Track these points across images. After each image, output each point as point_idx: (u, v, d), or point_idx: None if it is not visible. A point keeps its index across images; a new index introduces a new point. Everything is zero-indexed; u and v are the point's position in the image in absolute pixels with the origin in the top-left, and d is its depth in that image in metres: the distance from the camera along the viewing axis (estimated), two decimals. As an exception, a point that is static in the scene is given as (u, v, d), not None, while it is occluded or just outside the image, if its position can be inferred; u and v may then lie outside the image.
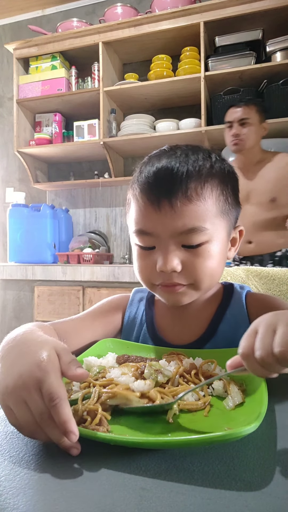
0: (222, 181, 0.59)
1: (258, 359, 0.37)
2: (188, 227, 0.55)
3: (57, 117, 2.88)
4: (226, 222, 0.60)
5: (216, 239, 0.58)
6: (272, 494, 0.29)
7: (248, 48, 2.31)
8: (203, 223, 0.56)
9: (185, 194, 0.55)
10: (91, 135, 2.70)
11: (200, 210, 0.56)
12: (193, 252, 0.57)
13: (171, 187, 0.55)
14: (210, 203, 0.57)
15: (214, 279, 0.61)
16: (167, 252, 0.56)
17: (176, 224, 0.55)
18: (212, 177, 0.57)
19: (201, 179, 0.56)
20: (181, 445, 0.35)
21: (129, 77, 2.67)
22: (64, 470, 0.33)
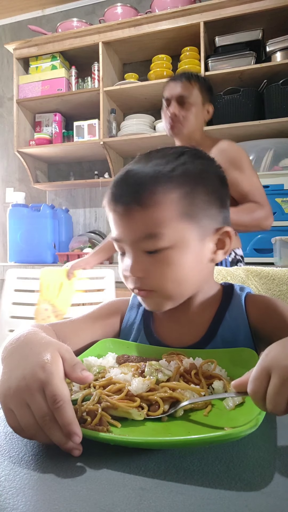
0: (185, 184, 0.56)
1: (267, 408, 0.36)
2: (144, 233, 0.55)
3: (57, 117, 2.88)
4: (194, 226, 0.57)
5: (180, 245, 0.56)
6: (272, 494, 0.29)
7: (248, 48, 2.31)
8: (159, 229, 0.55)
9: (138, 201, 0.55)
10: (91, 135, 2.70)
11: (155, 216, 0.55)
12: (154, 258, 0.56)
13: (126, 194, 0.56)
14: (167, 208, 0.55)
15: (185, 287, 0.60)
16: (130, 258, 0.58)
17: (134, 231, 0.56)
18: (170, 181, 0.56)
19: (155, 184, 0.55)
20: (181, 445, 0.35)
21: (129, 77, 2.67)
22: (64, 470, 0.33)
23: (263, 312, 0.64)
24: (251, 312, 0.65)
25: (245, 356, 0.54)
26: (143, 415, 0.41)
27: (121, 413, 0.40)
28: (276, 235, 1.92)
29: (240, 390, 0.40)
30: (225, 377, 0.50)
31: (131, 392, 0.43)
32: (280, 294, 1.00)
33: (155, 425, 0.41)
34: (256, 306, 0.65)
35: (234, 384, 0.41)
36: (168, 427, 0.40)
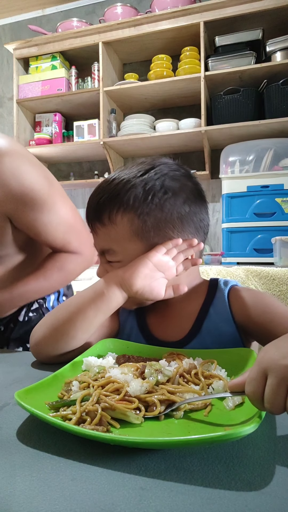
0: (138, 205, 0.60)
1: (266, 408, 0.36)
2: (103, 248, 0.64)
3: (57, 117, 2.88)
4: (144, 245, 0.61)
5: (129, 260, 0.61)
6: (272, 494, 0.29)
7: (248, 48, 2.31)
8: (114, 246, 0.62)
9: (99, 219, 0.62)
10: (91, 135, 2.70)
11: (111, 234, 0.62)
12: (113, 266, 0.64)
13: (91, 211, 0.64)
14: (121, 228, 0.61)
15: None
16: (100, 263, 0.67)
17: (98, 244, 0.65)
18: (127, 202, 0.60)
19: (113, 204, 0.60)
20: (181, 445, 0.35)
21: (129, 77, 2.67)
22: (64, 470, 0.33)
23: (246, 307, 0.65)
24: (234, 306, 0.66)
25: (245, 356, 0.54)
26: (140, 418, 0.40)
27: (118, 415, 0.40)
28: (276, 235, 1.92)
29: (236, 390, 0.41)
30: (225, 377, 0.50)
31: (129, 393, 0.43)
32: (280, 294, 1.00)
33: (154, 425, 0.41)
34: (239, 300, 0.67)
35: (231, 384, 0.41)
36: (168, 427, 0.40)
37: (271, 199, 2.08)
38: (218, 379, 0.49)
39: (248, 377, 0.38)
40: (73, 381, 0.47)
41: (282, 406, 0.35)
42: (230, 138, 2.46)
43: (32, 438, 0.38)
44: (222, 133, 2.42)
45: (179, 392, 0.45)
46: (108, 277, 0.63)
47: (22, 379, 0.56)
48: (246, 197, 2.14)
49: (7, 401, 0.48)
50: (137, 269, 0.60)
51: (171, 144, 2.66)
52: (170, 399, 0.43)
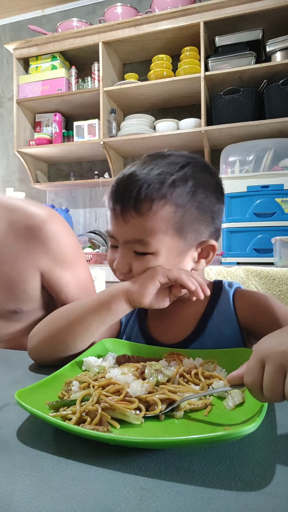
0: (180, 199, 0.59)
1: (265, 396, 0.37)
2: (135, 238, 0.59)
3: (57, 117, 2.88)
4: (178, 240, 0.60)
5: (161, 255, 0.59)
6: (272, 494, 0.29)
7: (248, 48, 2.31)
8: (149, 238, 0.58)
9: (136, 208, 0.58)
10: (91, 135, 2.70)
11: (148, 225, 0.58)
12: (141, 259, 0.60)
13: (126, 199, 0.58)
14: (160, 220, 0.58)
15: None
16: (120, 254, 0.62)
17: (126, 233, 0.60)
18: (169, 194, 0.58)
19: (155, 195, 0.57)
20: (181, 445, 0.35)
21: (129, 77, 2.67)
22: (64, 470, 0.33)
23: (251, 308, 0.65)
24: (239, 308, 0.66)
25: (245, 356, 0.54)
26: (140, 419, 0.40)
27: (118, 415, 0.40)
28: (276, 235, 1.92)
29: (235, 383, 0.41)
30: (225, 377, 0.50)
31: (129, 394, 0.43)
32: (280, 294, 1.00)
33: (155, 425, 0.41)
34: (244, 302, 0.66)
35: (229, 378, 0.41)
36: (168, 427, 0.40)
37: (271, 199, 2.08)
38: (218, 379, 0.49)
39: (246, 368, 0.39)
40: (73, 381, 0.47)
41: (281, 393, 0.35)
42: (230, 138, 2.46)
43: (32, 438, 0.38)
44: (222, 133, 2.42)
45: (180, 392, 0.45)
46: (116, 290, 0.60)
47: (22, 379, 0.56)
48: (246, 197, 2.14)
49: (7, 401, 0.47)
50: (147, 289, 0.57)
51: (171, 144, 2.66)
52: (171, 398, 0.43)
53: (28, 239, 0.80)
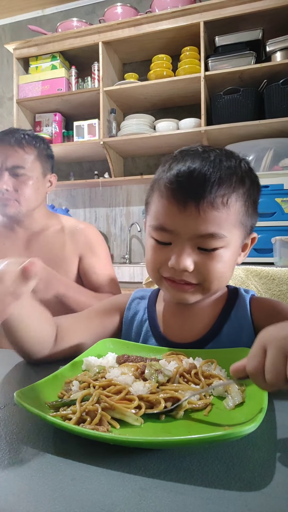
0: (246, 192, 0.60)
1: (268, 380, 0.37)
2: (209, 231, 0.56)
3: (57, 117, 2.88)
4: (241, 232, 0.61)
5: (230, 246, 0.59)
6: (272, 494, 0.29)
7: (248, 48, 2.31)
8: (223, 230, 0.57)
9: (212, 201, 0.56)
10: (91, 135, 2.70)
11: (223, 218, 0.57)
12: (207, 255, 0.58)
13: (201, 191, 0.55)
14: (233, 212, 0.58)
15: (223, 283, 0.63)
16: (182, 251, 0.57)
17: (199, 227, 0.56)
18: (239, 188, 0.58)
19: (230, 188, 0.57)
20: (181, 445, 0.35)
21: (129, 77, 2.67)
22: (64, 470, 0.33)
23: (268, 315, 0.65)
24: (256, 314, 0.66)
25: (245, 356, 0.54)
26: (140, 420, 0.40)
27: (118, 415, 0.40)
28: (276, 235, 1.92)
29: (238, 375, 0.41)
30: (225, 377, 0.50)
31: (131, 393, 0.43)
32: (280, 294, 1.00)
33: (155, 425, 0.41)
34: (261, 308, 0.67)
35: (232, 369, 0.41)
36: (168, 427, 0.40)
37: (271, 199, 2.08)
38: (218, 379, 0.49)
39: (248, 356, 0.39)
40: (73, 381, 0.47)
41: (283, 377, 0.36)
42: (230, 138, 2.46)
43: (32, 438, 0.38)
44: (222, 133, 2.42)
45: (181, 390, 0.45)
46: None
47: (22, 379, 0.56)
48: (246, 197, 2.13)
49: (7, 401, 0.48)
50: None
51: (171, 144, 2.66)
52: (175, 396, 0.43)
53: (72, 236, 1.22)
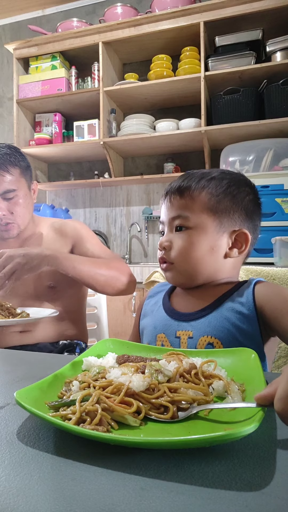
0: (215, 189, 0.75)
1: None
2: (175, 214, 0.76)
3: (57, 117, 2.88)
4: (214, 219, 0.74)
5: (199, 229, 0.74)
6: (272, 494, 0.29)
7: (248, 48, 2.31)
8: (186, 212, 0.75)
9: (180, 192, 0.76)
10: (91, 135, 2.70)
11: (188, 204, 0.75)
12: (177, 235, 0.76)
13: (175, 188, 0.77)
14: (197, 202, 0.75)
15: (197, 267, 0.75)
16: (165, 233, 0.79)
17: (171, 212, 0.77)
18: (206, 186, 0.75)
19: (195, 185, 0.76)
20: (181, 445, 0.35)
21: (129, 77, 2.67)
22: (64, 470, 0.33)
23: (269, 294, 0.70)
24: (258, 292, 0.71)
25: (245, 356, 0.54)
26: (138, 421, 0.40)
27: (117, 417, 0.40)
28: (276, 235, 1.92)
29: (263, 403, 0.39)
30: (225, 377, 0.50)
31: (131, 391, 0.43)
32: (280, 294, 1.00)
33: (155, 425, 0.41)
34: (264, 288, 0.72)
35: (258, 397, 0.39)
36: (168, 427, 0.40)
37: (271, 199, 2.08)
38: (218, 379, 0.48)
39: (277, 394, 0.36)
40: (73, 381, 0.47)
41: None
42: (230, 138, 2.46)
43: (32, 438, 0.38)
44: (222, 133, 2.42)
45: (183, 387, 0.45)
46: None
47: (22, 379, 0.56)
48: (246, 197, 2.14)
49: (7, 401, 0.47)
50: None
51: (171, 144, 2.66)
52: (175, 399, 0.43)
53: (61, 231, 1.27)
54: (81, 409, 0.40)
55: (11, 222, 1.17)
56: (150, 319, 0.82)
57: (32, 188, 1.26)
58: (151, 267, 2.29)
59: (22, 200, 1.18)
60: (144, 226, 2.94)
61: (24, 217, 1.19)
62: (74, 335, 1.27)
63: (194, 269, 0.75)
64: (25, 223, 1.21)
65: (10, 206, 1.15)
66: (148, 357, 0.59)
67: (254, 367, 0.50)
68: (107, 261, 1.17)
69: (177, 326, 0.74)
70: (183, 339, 0.72)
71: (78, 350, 1.25)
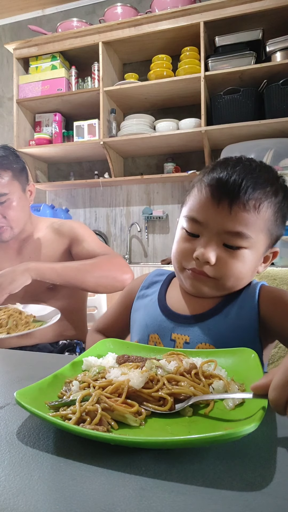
0: (278, 204, 0.65)
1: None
2: (236, 229, 0.62)
3: (57, 117, 2.88)
4: (267, 240, 0.66)
5: (254, 249, 0.64)
6: (272, 494, 0.29)
7: (248, 48, 2.31)
8: (250, 232, 0.62)
9: (245, 203, 0.61)
10: (91, 135, 2.70)
11: (251, 220, 0.62)
12: (230, 253, 0.64)
13: (236, 193, 0.61)
14: (262, 218, 0.63)
15: (239, 283, 0.67)
16: (209, 244, 0.63)
17: (227, 224, 0.62)
18: (272, 197, 0.64)
19: (264, 196, 0.63)
20: (181, 445, 0.35)
21: (129, 77, 2.67)
22: (64, 470, 0.33)
23: (274, 303, 0.67)
24: (263, 300, 0.67)
25: (245, 356, 0.54)
26: (139, 421, 0.40)
27: (117, 417, 0.40)
28: (276, 235, 1.92)
29: (259, 393, 0.39)
30: (225, 377, 0.50)
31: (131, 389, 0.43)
32: (280, 294, 1.00)
33: (155, 425, 0.41)
34: (269, 295, 0.68)
35: (253, 387, 0.40)
36: (168, 427, 0.40)
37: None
38: (218, 379, 0.48)
39: (273, 383, 0.37)
40: (73, 381, 0.47)
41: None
42: (230, 138, 2.46)
43: (32, 438, 0.38)
44: (222, 133, 2.42)
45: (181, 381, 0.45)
46: None
47: (22, 379, 0.56)
48: (246, 197, 2.13)
49: (7, 401, 0.47)
50: None
51: (171, 144, 2.66)
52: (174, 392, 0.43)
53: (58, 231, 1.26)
54: (81, 409, 0.40)
55: (3, 225, 1.17)
56: (142, 314, 0.75)
57: (29, 189, 1.25)
58: (151, 267, 2.29)
59: (15, 203, 1.17)
60: (144, 226, 2.94)
61: (18, 221, 1.19)
62: (74, 335, 1.27)
63: (235, 286, 0.68)
64: (20, 226, 1.20)
65: (2, 209, 1.15)
66: (148, 357, 0.59)
67: (254, 367, 0.50)
68: (98, 261, 1.15)
69: (172, 328, 0.69)
70: (178, 343, 0.68)
71: (78, 349, 1.25)
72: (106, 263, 1.16)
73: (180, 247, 0.68)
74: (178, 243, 0.69)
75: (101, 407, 0.40)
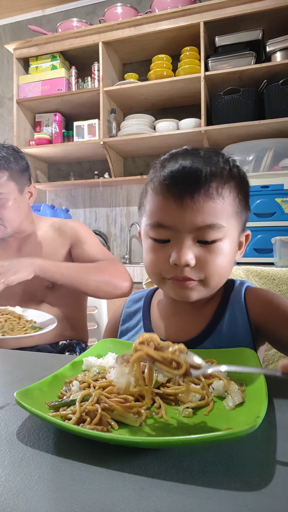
0: (238, 185, 0.61)
1: None
2: (206, 223, 0.57)
3: (57, 117, 2.88)
4: (238, 223, 0.62)
5: (229, 238, 0.60)
6: (271, 494, 0.29)
7: (248, 48, 2.31)
8: (220, 221, 0.58)
9: (207, 192, 0.57)
10: (91, 135, 2.70)
11: (219, 208, 0.58)
12: (207, 248, 0.58)
13: (195, 184, 0.57)
14: (228, 203, 0.59)
15: (223, 278, 0.63)
16: (182, 246, 0.57)
17: (196, 219, 0.57)
18: (231, 180, 0.60)
19: (222, 179, 0.58)
20: (181, 445, 0.35)
21: (129, 77, 2.67)
22: (64, 470, 0.33)
23: (264, 307, 0.65)
24: (251, 306, 0.65)
25: (245, 356, 0.54)
26: (139, 421, 0.40)
27: (117, 417, 0.40)
28: (276, 235, 1.92)
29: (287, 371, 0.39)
30: (225, 377, 0.50)
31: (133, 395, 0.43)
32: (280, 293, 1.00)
33: (155, 425, 0.41)
34: (256, 300, 0.66)
35: (283, 365, 0.40)
36: (168, 427, 0.40)
37: (271, 199, 2.08)
38: (218, 379, 0.49)
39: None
40: (73, 381, 0.47)
41: None
42: (230, 138, 2.46)
43: (32, 438, 0.38)
44: (222, 133, 2.42)
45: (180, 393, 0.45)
46: None
47: (22, 379, 0.56)
48: (246, 197, 2.14)
49: (7, 401, 0.48)
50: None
51: (171, 144, 2.66)
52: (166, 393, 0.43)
53: (60, 231, 1.28)
54: (81, 409, 0.40)
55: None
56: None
57: (28, 191, 1.26)
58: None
59: (10, 203, 1.17)
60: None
61: (12, 221, 1.19)
62: (74, 335, 1.27)
63: (220, 282, 0.63)
64: (13, 226, 1.20)
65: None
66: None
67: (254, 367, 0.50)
68: (100, 266, 1.16)
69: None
70: None
71: (79, 349, 1.25)
72: (108, 269, 1.16)
73: (153, 258, 0.62)
74: (149, 255, 0.62)
75: (101, 407, 0.40)
